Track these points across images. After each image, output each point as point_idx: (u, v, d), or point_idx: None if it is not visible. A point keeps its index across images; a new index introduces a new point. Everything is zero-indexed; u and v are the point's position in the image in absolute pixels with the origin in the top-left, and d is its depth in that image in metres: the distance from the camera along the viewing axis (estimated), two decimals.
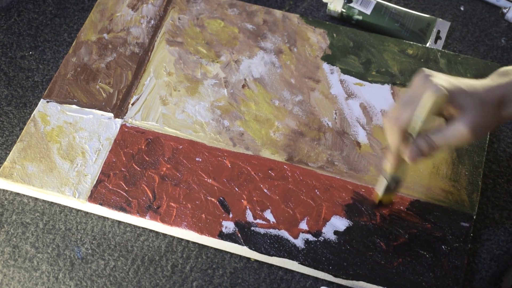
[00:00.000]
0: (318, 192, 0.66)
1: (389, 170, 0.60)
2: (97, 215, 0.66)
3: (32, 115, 0.71)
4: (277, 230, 0.64)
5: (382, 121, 0.60)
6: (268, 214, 0.64)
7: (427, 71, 0.55)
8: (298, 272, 0.63)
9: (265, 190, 0.66)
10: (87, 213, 0.66)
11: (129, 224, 0.66)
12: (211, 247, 0.64)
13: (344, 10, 0.80)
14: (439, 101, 0.53)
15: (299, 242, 0.63)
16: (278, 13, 0.79)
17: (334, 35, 0.77)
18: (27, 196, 0.67)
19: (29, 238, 0.65)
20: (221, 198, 0.65)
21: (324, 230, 0.64)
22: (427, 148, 0.56)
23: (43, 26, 0.80)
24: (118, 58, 0.75)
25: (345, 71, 0.74)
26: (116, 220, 0.66)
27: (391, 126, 0.56)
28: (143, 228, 0.65)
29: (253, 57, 0.75)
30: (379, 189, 0.62)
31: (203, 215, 0.64)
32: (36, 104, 0.73)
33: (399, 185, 0.62)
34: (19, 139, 0.69)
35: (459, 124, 0.54)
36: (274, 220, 0.64)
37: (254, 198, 0.65)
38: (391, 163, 0.59)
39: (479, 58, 0.76)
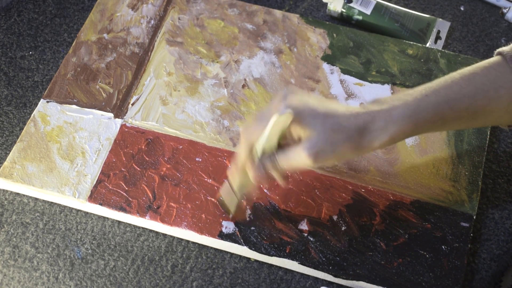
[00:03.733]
0: (318, 192, 0.66)
1: (234, 183, 0.59)
2: (97, 215, 0.66)
3: (32, 115, 0.71)
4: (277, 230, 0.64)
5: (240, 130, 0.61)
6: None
7: (289, 89, 0.54)
8: (298, 272, 0.63)
9: (265, 190, 0.66)
10: (87, 213, 0.66)
11: (129, 224, 0.66)
12: (211, 247, 0.64)
13: (344, 10, 0.80)
14: (282, 122, 0.52)
15: (299, 242, 0.63)
16: (278, 13, 0.79)
17: (334, 35, 0.77)
18: (27, 196, 0.67)
19: (29, 238, 0.65)
20: (221, 198, 0.65)
21: (324, 230, 0.64)
22: (271, 167, 0.55)
23: (43, 26, 0.80)
24: (118, 58, 0.75)
25: (345, 71, 0.74)
26: (116, 220, 0.66)
27: (242, 140, 0.56)
28: (143, 228, 0.65)
29: (253, 57, 0.75)
30: (221, 192, 0.63)
31: (203, 215, 0.64)
32: (36, 104, 0.73)
33: (244, 197, 0.63)
34: (19, 139, 0.69)
35: (300, 147, 0.53)
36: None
37: (254, 198, 0.65)
38: (236, 176, 0.58)
39: (479, 58, 0.76)
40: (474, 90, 0.55)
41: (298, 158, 0.53)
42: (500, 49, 0.57)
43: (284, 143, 0.56)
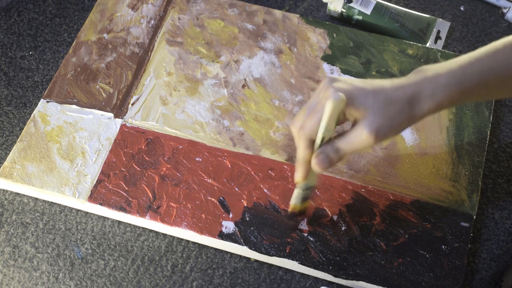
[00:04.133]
0: (318, 192, 0.66)
1: (301, 180, 0.58)
2: (97, 215, 0.66)
3: (32, 115, 0.71)
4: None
5: (290, 129, 0.60)
6: None
7: (331, 76, 0.55)
8: (298, 272, 0.63)
9: (265, 190, 0.66)
10: (87, 213, 0.66)
11: (129, 224, 0.66)
12: (211, 247, 0.64)
13: (344, 10, 0.80)
14: (337, 107, 0.52)
15: (299, 242, 0.63)
16: (278, 13, 0.79)
17: (334, 35, 0.77)
18: (27, 196, 0.67)
19: (29, 238, 0.65)
20: (221, 198, 0.65)
21: (324, 230, 0.64)
22: (335, 155, 0.55)
23: (43, 26, 0.80)
24: (118, 58, 0.75)
25: (345, 71, 0.74)
26: (116, 220, 0.66)
27: (298, 135, 0.55)
28: (143, 228, 0.65)
29: (253, 57, 0.75)
30: (295, 200, 0.61)
31: (203, 215, 0.64)
32: (36, 104, 0.73)
33: (313, 192, 0.62)
34: (19, 139, 0.69)
35: (360, 127, 0.53)
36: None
37: (254, 198, 0.65)
38: (301, 173, 0.57)
39: None
40: None
41: (360, 139, 0.54)
42: None
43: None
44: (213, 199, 0.65)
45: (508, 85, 0.57)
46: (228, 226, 0.64)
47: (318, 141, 0.55)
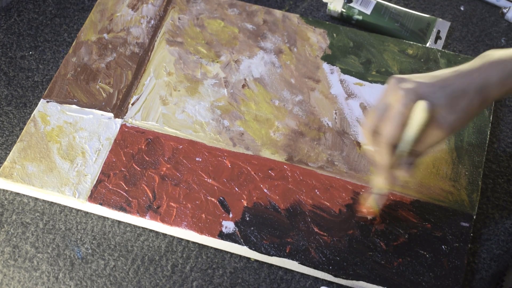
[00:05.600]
0: (318, 192, 0.66)
1: (385, 186, 0.58)
2: (97, 215, 0.66)
3: (32, 115, 0.71)
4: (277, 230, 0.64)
5: (362, 132, 0.59)
6: None
7: (398, 77, 0.55)
8: (298, 272, 0.63)
9: (265, 190, 0.66)
10: (87, 213, 0.66)
11: (129, 224, 0.66)
12: (211, 247, 0.64)
13: (344, 10, 0.80)
14: (424, 116, 0.52)
15: (299, 242, 0.63)
16: (278, 13, 0.79)
17: (334, 35, 0.77)
18: (27, 196, 0.67)
19: (29, 238, 0.65)
20: (221, 198, 0.65)
21: (324, 230, 0.64)
22: (416, 158, 0.55)
23: (43, 26, 0.80)
24: (118, 58, 0.75)
25: (345, 71, 0.74)
26: (116, 220, 0.66)
27: (377, 142, 0.55)
28: (143, 228, 0.65)
29: (253, 57, 0.75)
30: (374, 204, 0.62)
31: (203, 215, 0.64)
32: (36, 104, 0.73)
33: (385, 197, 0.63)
34: (19, 139, 0.69)
35: (434, 126, 0.53)
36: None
37: (254, 198, 0.65)
38: (386, 179, 0.57)
39: None
40: None
41: (436, 137, 0.54)
42: None
43: None
44: (213, 199, 0.65)
45: None
46: (228, 226, 0.64)
47: (405, 149, 0.54)
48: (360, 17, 0.79)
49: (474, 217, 0.65)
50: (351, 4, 0.80)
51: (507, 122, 0.73)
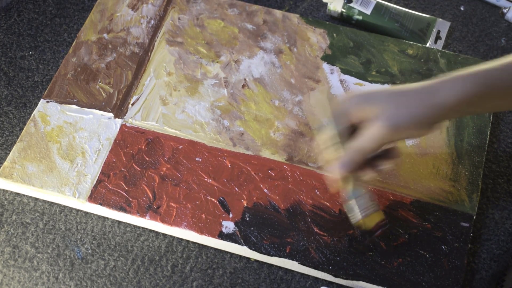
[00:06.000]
0: (318, 192, 0.66)
1: (346, 191, 0.58)
2: (97, 215, 0.66)
3: (32, 115, 0.71)
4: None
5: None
6: None
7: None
8: (298, 272, 0.63)
9: (265, 190, 0.66)
10: (87, 213, 0.66)
11: (129, 224, 0.66)
12: (211, 247, 0.64)
13: (344, 10, 0.80)
14: (327, 93, 0.54)
15: (299, 242, 0.63)
16: (278, 13, 0.79)
17: (334, 35, 0.77)
18: (27, 196, 0.67)
19: (29, 238, 0.65)
20: (221, 198, 0.65)
21: (323, 230, 0.64)
22: (357, 155, 0.56)
23: (43, 26, 0.80)
24: (118, 58, 0.75)
25: (345, 71, 0.74)
26: (116, 220, 0.66)
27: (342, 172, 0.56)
28: (143, 228, 0.65)
29: (253, 57, 0.75)
30: (355, 214, 0.59)
31: (203, 215, 0.64)
32: (36, 104, 0.73)
33: (371, 198, 0.59)
34: (19, 139, 0.69)
35: (375, 120, 0.53)
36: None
37: (254, 198, 0.65)
38: (344, 185, 0.58)
39: (479, 58, 0.76)
40: None
41: (377, 132, 0.53)
42: None
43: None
44: (213, 199, 0.65)
45: None
46: (228, 226, 0.64)
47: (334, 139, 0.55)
48: (360, 17, 0.79)
49: (474, 217, 0.65)
50: (351, 4, 0.80)
51: (507, 122, 0.73)
